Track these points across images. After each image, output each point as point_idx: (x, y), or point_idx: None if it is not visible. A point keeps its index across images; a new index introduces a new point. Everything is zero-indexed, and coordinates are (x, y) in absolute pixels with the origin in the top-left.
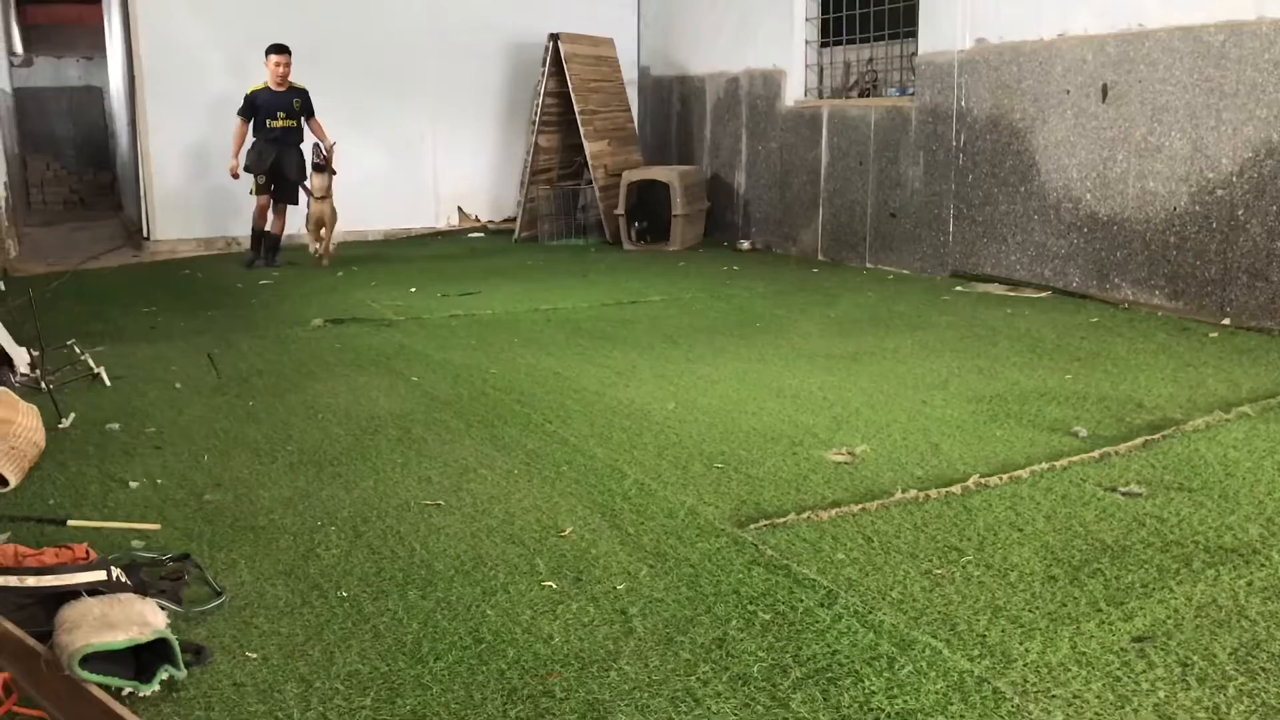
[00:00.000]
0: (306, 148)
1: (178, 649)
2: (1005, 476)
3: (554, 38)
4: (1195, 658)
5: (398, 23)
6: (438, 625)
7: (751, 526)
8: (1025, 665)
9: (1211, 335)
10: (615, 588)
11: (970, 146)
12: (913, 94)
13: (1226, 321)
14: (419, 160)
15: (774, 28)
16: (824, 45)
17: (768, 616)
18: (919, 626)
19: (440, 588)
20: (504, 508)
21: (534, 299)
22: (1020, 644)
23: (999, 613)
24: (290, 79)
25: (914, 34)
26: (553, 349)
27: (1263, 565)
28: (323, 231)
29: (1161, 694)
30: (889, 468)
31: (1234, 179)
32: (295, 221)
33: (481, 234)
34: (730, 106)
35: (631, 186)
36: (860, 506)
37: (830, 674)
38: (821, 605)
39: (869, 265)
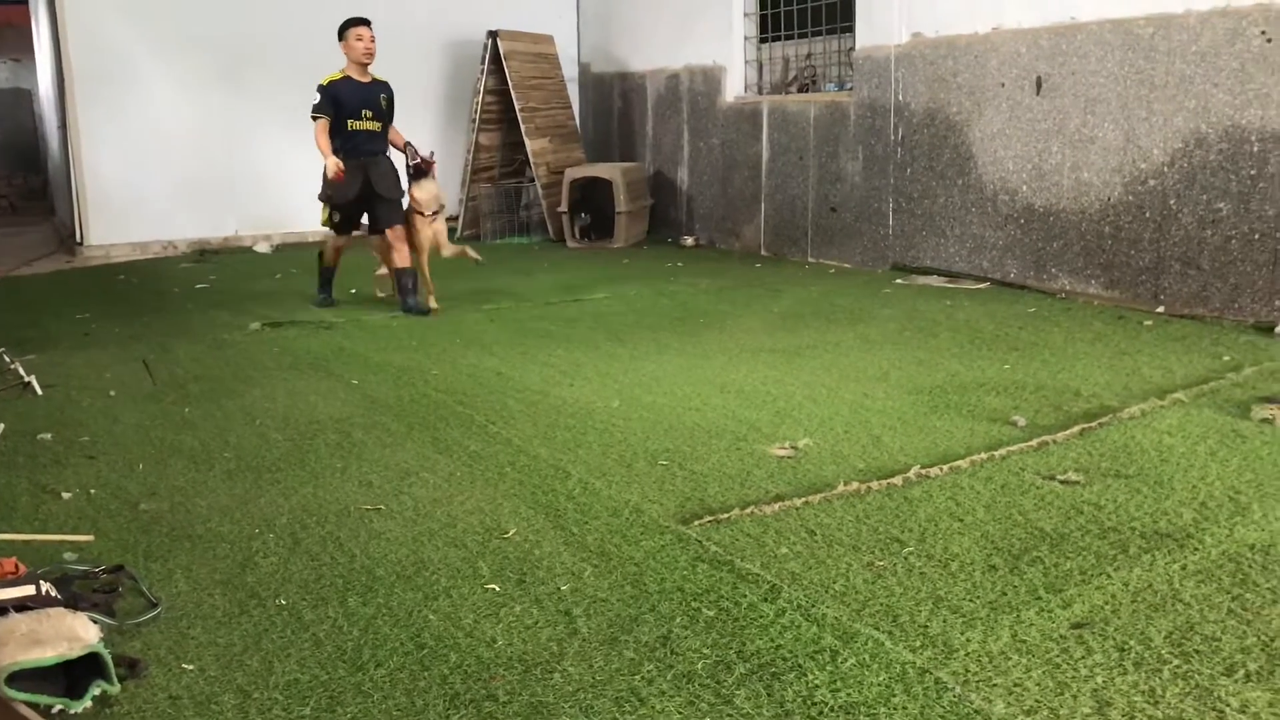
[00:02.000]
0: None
1: (110, 663)
2: (946, 467)
3: (493, 35)
4: (1132, 642)
5: (333, 21)
6: (379, 631)
7: (695, 523)
8: (966, 655)
9: (1146, 323)
10: (559, 588)
11: (908, 140)
12: (851, 89)
13: (1160, 309)
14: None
15: (713, 24)
16: (763, 41)
17: (712, 613)
18: (861, 619)
19: (381, 593)
20: (446, 511)
21: (475, 299)
22: (961, 634)
23: (940, 603)
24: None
25: (851, 29)
26: (495, 349)
27: (1196, 549)
28: (428, 256)
29: (1100, 679)
30: (831, 461)
31: (1165, 169)
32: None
33: None
34: (671, 103)
35: (574, 184)
36: (803, 500)
37: (774, 669)
38: (765, 600)
39: (811, 260)
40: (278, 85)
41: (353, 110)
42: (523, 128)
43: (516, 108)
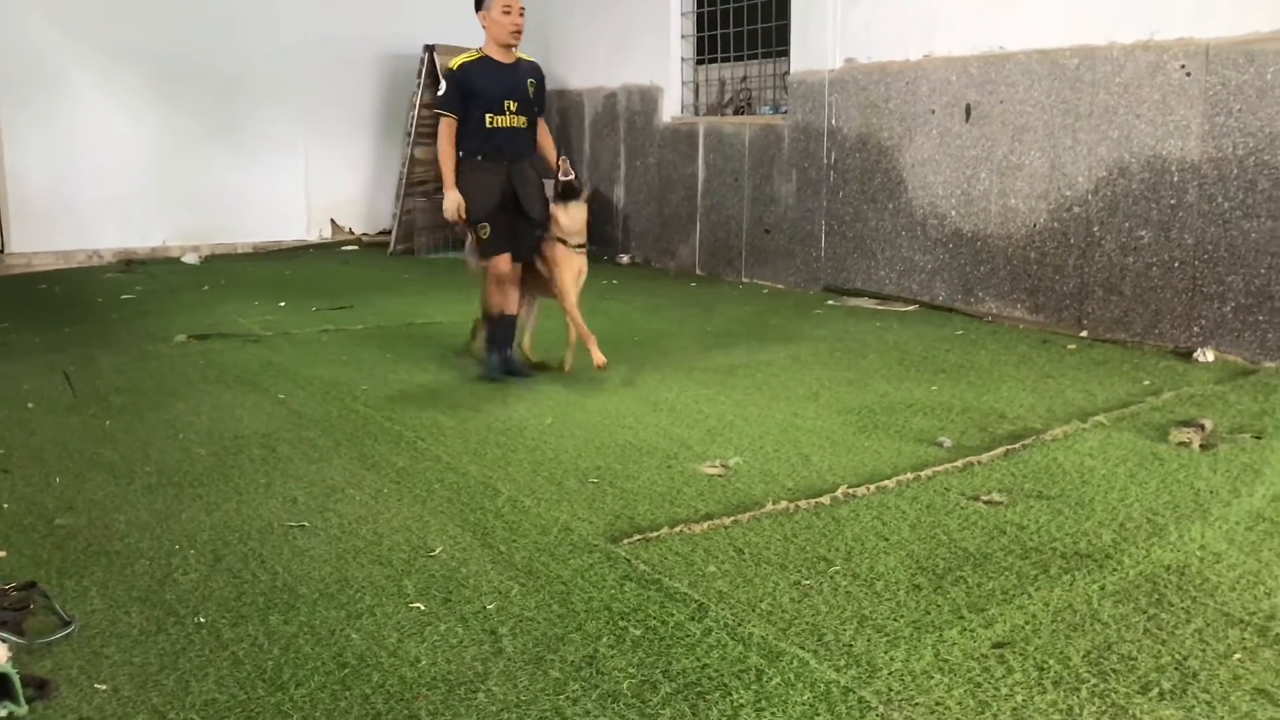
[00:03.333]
0: None
1: (18, 684)
2: (873, 487)
3: (429, 49)
4: (1051, 661)
5: (268, 31)
6: (300, 650)
7: (625, 541)
8: (890, 674)
9: (1070, 347)
10: (485, 607)
11: (841, 164)
12: (786, 112)
13: (1084, 334)
14: (290, 171)
15: (651, 44)
16: (700, 63)
17: (639, 632)
18: (787, 638)
19: (303, 611)
20: (372, 528)
21: (408, 313)
22: (885, 653)
23: (865, 622)
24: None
25: (787, 53)
26: (427, 364)
27: (1115, 570)
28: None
29: (1019, 698)
30: (761, 480)
31: (1089, 197)
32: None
33: (356, 247)
34: (609, 121)
35: None
36: (732, 519)
37: (699, 688)
38: (692, 619)
39: (745, 280)
40: (208, 95)
41: (491, 101)
42: None
43: None
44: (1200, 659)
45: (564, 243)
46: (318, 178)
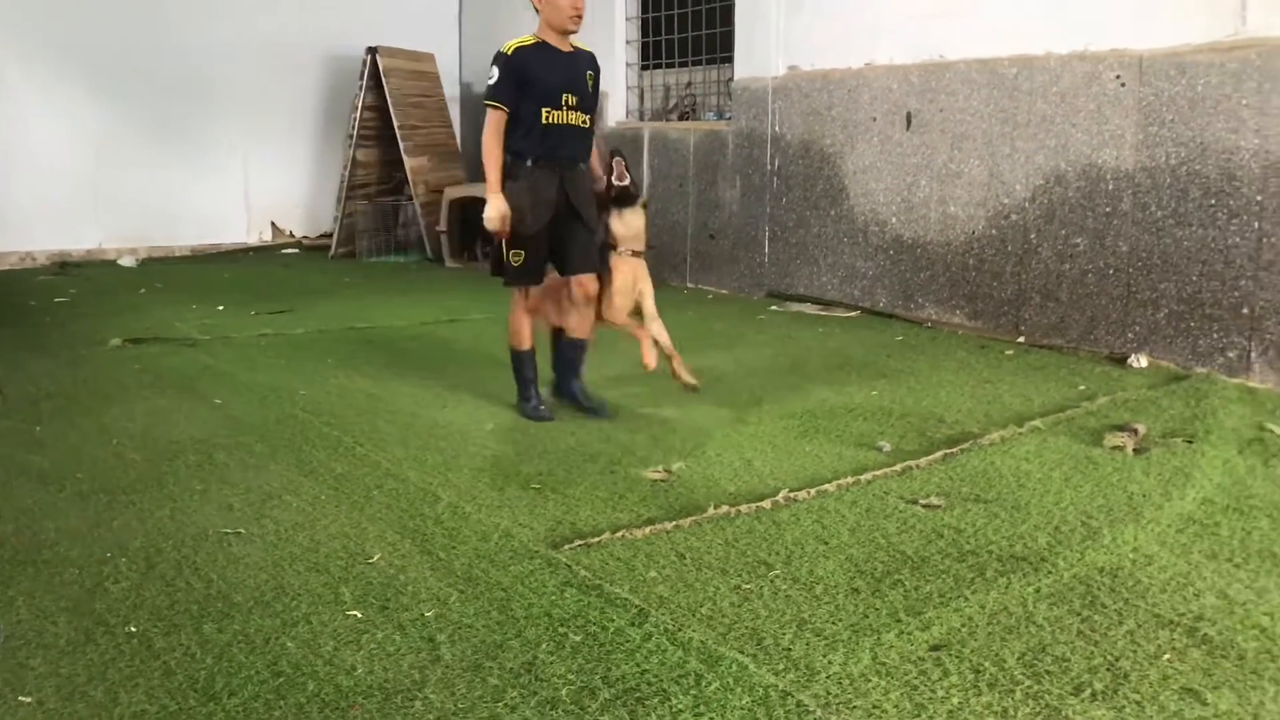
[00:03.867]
0: None
1: None
2: (813, 491)
3: (372, 51)
4: (987, 664)
5: (206, 30)
6: (233, 659)
7: (566, 547)
8: (828, 677)
9: (1007, 353)
10: (424, 614)
11: (784, 170)
12: (730, 118)
13: (1021, 339)
14: (229, 172)
15: (595, 49)
16: (644, 68)
17: (579, 638)
18: (727, 642)
19: (238, 620)
20: (309, 535)
21: (350, 317)
22: (824, 656)
23: (804, 626)
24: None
25: (731, 59)
26: (368, 369)
27: (1050, 573)
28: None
29: (955, 701)
30: (703, 484)
31: (1027, 204)
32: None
33: (296, 250)
34: None
35: (454, 203)
36: (674, 523)
37: (639, 694)
38: (632, 624)
39: (690, 285)
40: (146, 95)
41: (549, 93)
42: (401, 145)
43: (395, 125)
44: (1131, 660)
45: (614, 249)
46: (258, 180)
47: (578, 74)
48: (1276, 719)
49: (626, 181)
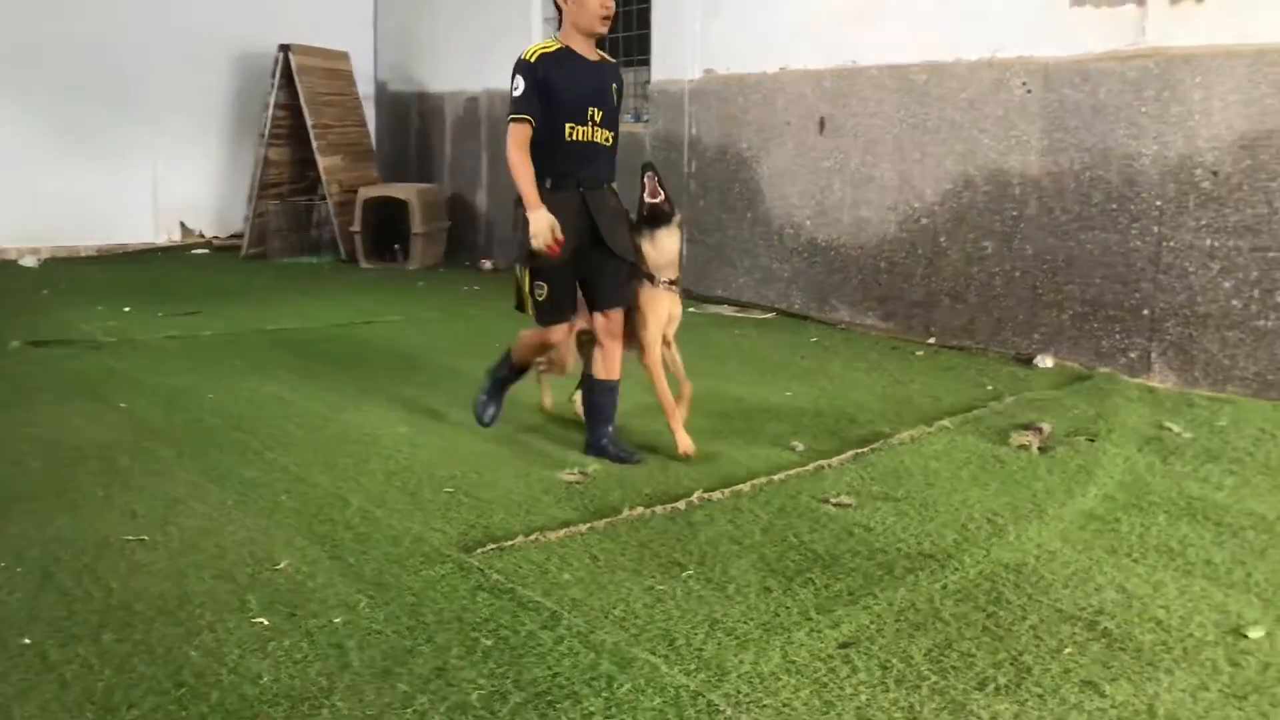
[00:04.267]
0: None
1: None
2: (727, 491)
3: (284, 49)
4: (895, 660)
5: (114, 24)
6: (134, 671)
7: (479, 551)
8: (739, 676)
9: (918, 354)
10: (332, 621)
11: (701, 174)
12: (647, 121)
13: (931, 340)
14: (137, 171)
15: (512, 49)
16: None
17: (490, 642)
18: (639, 644)
19: (139, 630)
20: (215, 542)
21: (260, 319)
22: (735, 656)
23: (716, 626)
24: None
25: (648, 62)
26: (278, 372)
27: (956, 569)
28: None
29: (864, 697)
30: (619, 486)
31: (936, 209)
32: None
33: (206, 250)
34: (471, 125)
35: (368, 204)
36: (588, 526)
37: (550, 697)
38: (545, 628)
39: None
40: (51, 91)
41: (575, 107)
42: (314, 144)
43: (308, 124)
44: (1034, 654)
45: (650, 280)
46: (167, 179)
47: (604, 86)
48: (1171, 708)
49: (660, 198)
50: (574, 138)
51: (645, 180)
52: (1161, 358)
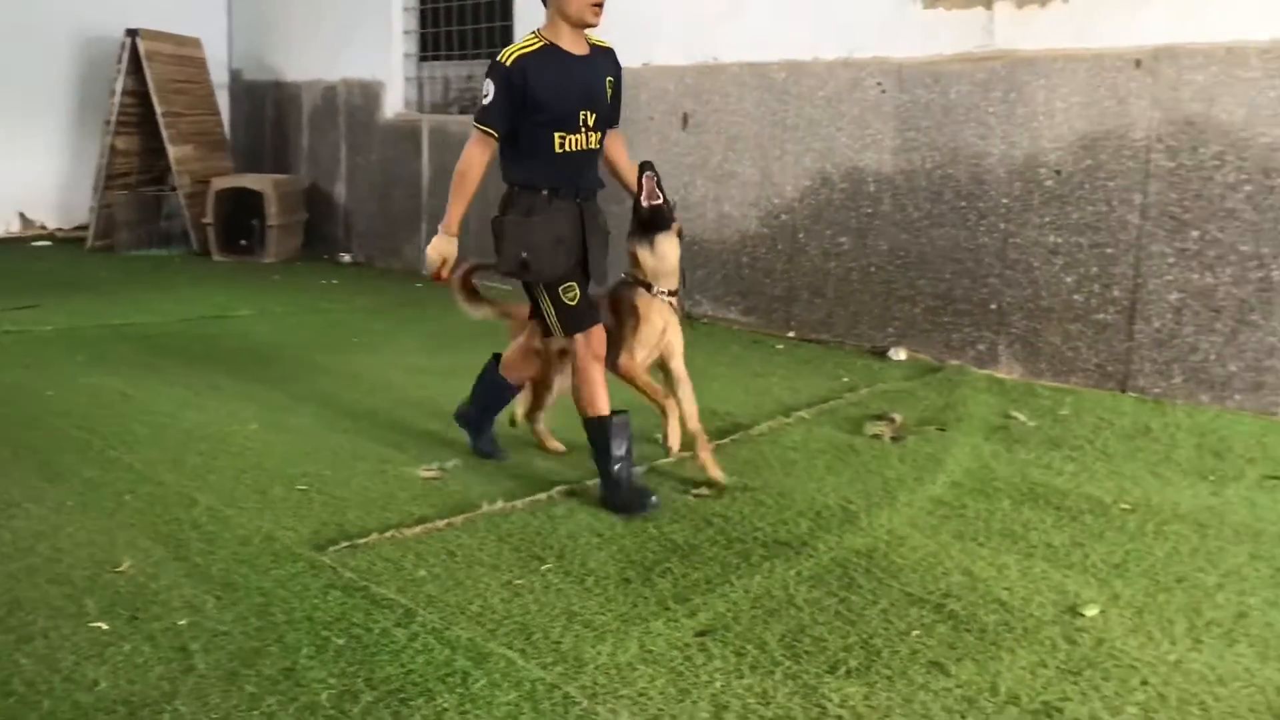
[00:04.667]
0: None
1: None
2: (589, 483)
3: (132, 34)
4: (750, 647)
5: None
6: None
7: (331, 549)
8: (596, 668)
9: (778, 347)
10: (176, 623)
11: None
12: None
13: (791, 334)
14: None
15: (371, 38)
16: (423, 59)
17: (341, 641)
18: (495, 638)
19: None
20: (51, 544)
21: (105, 314)
22: (592, 647)
23: (574, 618)
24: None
25: None
26: (123, 368)
27: (810, 556)
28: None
29: (719, 684)
30: (479, 481)
31: (796, 205)
32: None
33: (49, 242)
34: (328, 115)
35: (222, 195)
36: (446, 522)
37: (403, 694)
38: (398, 625)
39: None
40: None
41: (564, 114)
42: (164, 133)
43: (158, 112)
44: (884, 637)
45: (647, 288)
46: (5, 168)
47: (596, 84)
48: (1011, 686)
49: (659, 200)
50: (565, 148)
51: (643, 180)
52: (1008, 350)
